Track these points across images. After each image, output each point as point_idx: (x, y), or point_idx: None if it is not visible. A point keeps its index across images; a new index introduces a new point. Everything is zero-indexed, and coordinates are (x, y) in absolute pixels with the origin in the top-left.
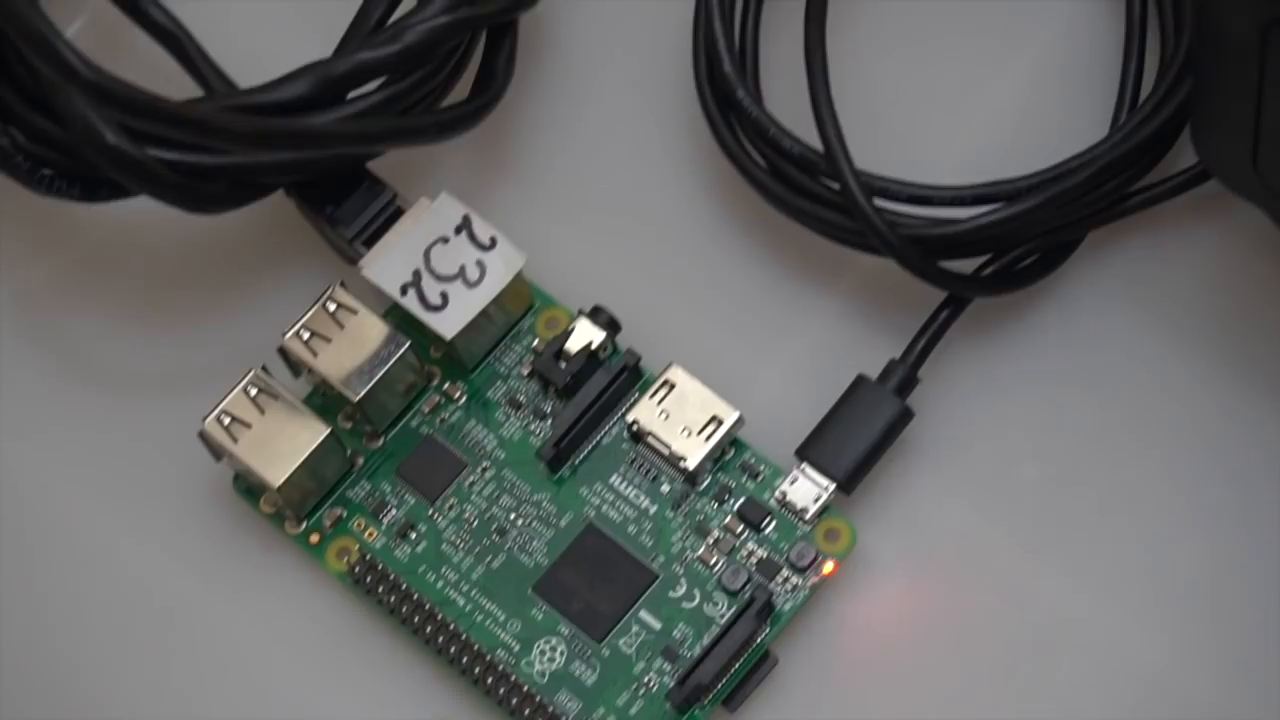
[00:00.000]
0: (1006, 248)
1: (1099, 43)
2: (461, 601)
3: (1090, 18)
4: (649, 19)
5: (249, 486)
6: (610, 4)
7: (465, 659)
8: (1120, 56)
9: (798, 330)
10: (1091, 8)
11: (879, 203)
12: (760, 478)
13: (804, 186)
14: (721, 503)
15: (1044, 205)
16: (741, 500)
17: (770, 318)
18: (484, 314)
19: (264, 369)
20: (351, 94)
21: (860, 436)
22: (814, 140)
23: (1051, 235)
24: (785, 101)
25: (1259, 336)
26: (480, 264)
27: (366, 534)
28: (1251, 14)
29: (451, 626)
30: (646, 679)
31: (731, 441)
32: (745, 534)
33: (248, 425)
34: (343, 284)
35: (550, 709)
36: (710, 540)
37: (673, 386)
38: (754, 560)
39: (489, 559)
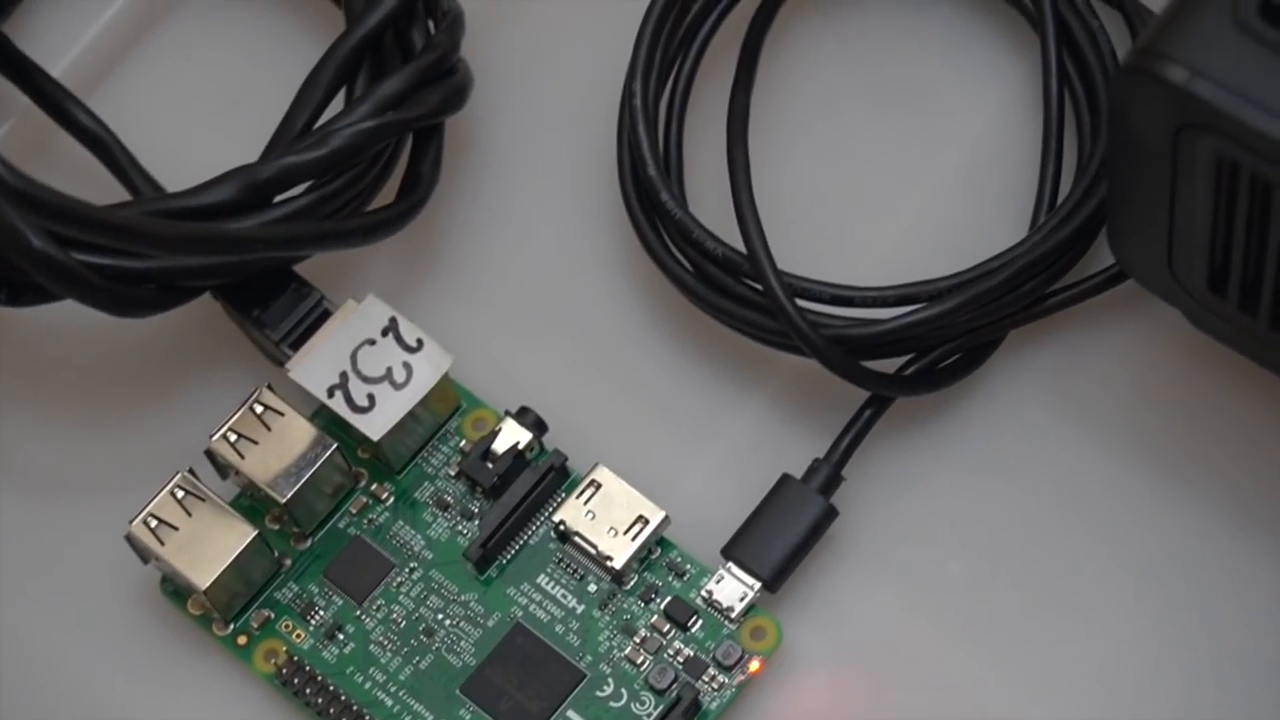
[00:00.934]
0: (928, 347)
1: (1018, 145)
2: (390, 702)
3: (1009, 120)
4: (575, 121)
5: (176, 589)
6: (537, 106)
7: None
8: (1039, 158)
9: (723, 430)
10: (1010, 110)
11: (802, 303)
12: (686, 576)
13: (728, 288)
14: (648, 602)
15: (965, 305)
16: (668, 599)
17: (696, 417)
18: (411, 415)
19: (191, 471)
20: (278, 198)
21: (785, 535)
22: (738, 241)
23: (973, 335)
24: (710, 202)
25: (1176, 431)
26: (407, 366)
27: (294, 635)
28: (1162, 119)
29: None
30: None
31: (658, 541)
32: (672, 633)
33: (175, 528)
34: (270, 386)
35: None
36: (637, 639)
37: (599, 486)
38: (681, 659)
39: (417, 659)
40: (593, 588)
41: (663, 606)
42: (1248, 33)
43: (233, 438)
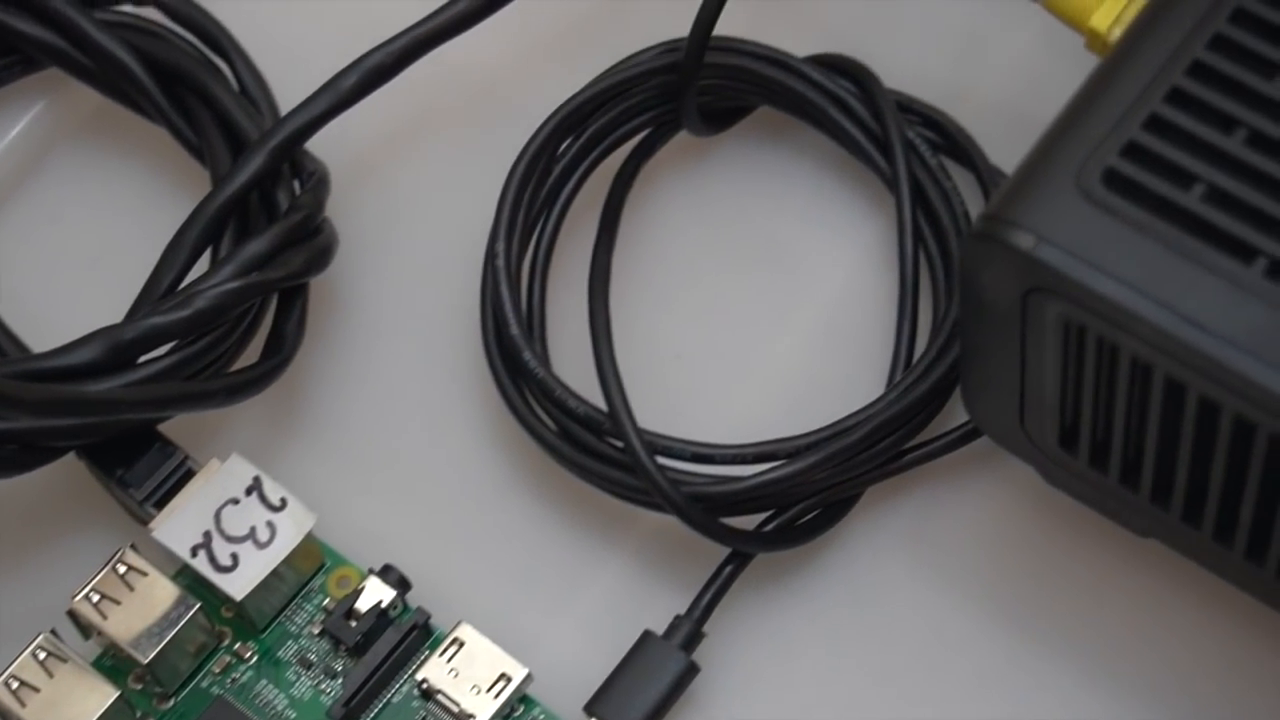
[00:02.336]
0: (787, 503)
1: (875, 302)
2: None
3: (866, 278)
4: (439, 281)
5: None
6: (401, 265)
7: None
8: (895, 316)
9: (586, 587)
10: (867, 269)
11: (663, 461)
12: None
13: (590, 446)
14: None
15: (822, 463)
16: None
17: (559, 574)
18: (274, 574)
19: (53, 632)
20: (142, 358)
21: (647, 692)
22: (601, 399)
23: (831, 491)
24: (573, 360)
25: (1031, 585)
26: (270, 525)
27: None
28: (1011, 284)
29: None
30: None
31: (520, 698)
32: None
33: (36, 689)
34: (133, 546)
35: None
36: None
37: (462, 644)
38: None
39: None
40: None
41: None
42: (1092, 200)
43: (95, 598)
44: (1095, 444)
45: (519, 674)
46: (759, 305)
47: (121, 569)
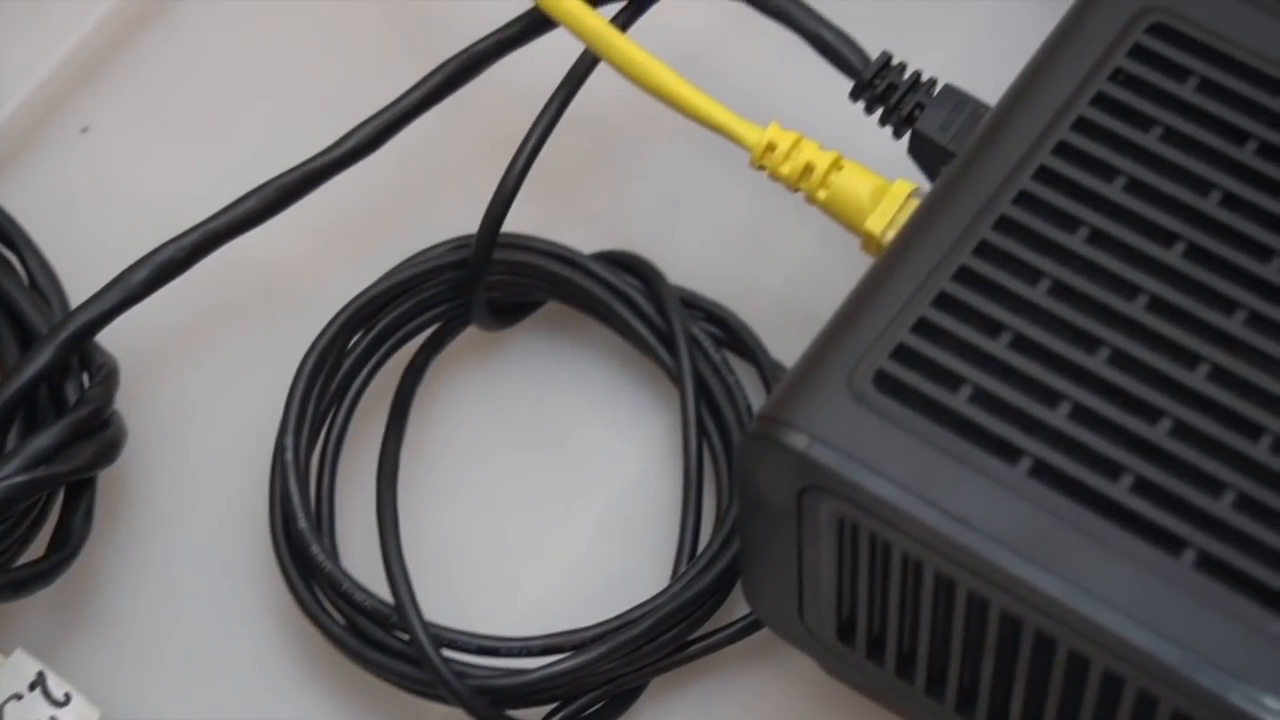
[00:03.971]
0: (573, 695)
1: (660, 495)
2: None
3: (652, 471)
4: (229, 474)
5: None
6: (191, 458)
7: None
8: (680, 509)
9: None
10: (653, 462)
11: (449, 654)
12: None
13: (377, 639)
14: None
15: (608, 655)
16: None
17: None
18: None
19: None
20: None
21: None
22: (389, 593)
23: (616, 683)
24: (361, 553)
25: None
26: None
27: None
28: (786, 482)
29: None
30: None
31: None
32: None
33: None
34: None
35: None
36: None
37: None
38: None
39: None
40: None
41: None
42: (863, 401)
43: None
44: (871, 637)
45: None
46: (547, 498)
47: None
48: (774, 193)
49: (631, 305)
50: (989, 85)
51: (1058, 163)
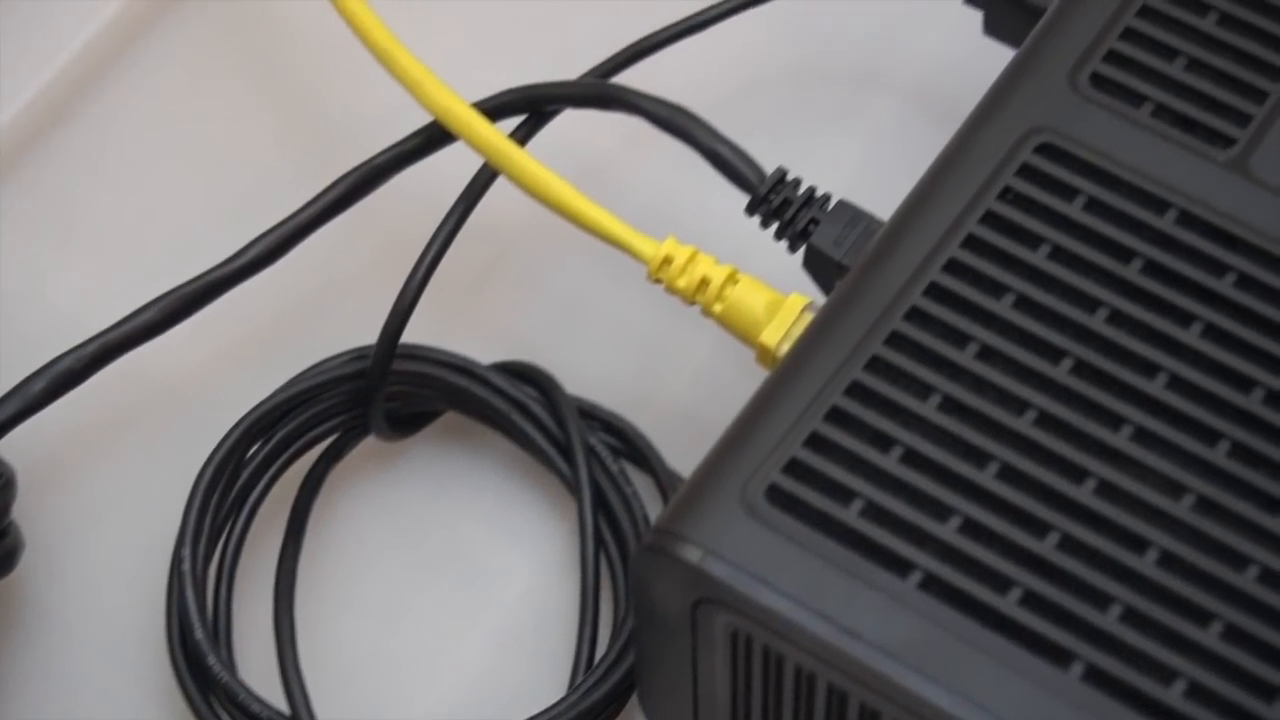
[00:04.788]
0: None
1: (558, 605)
2: None
3: (550, 581)
4: (126, 585)
5: None
6: (88, 569)
7: None
8: (577, 618)
9: None
10: (551, 572)
11: None
12: None
13: None
14: None
15: None
16: None
17: None
18: None
19: None
20: None
21: None
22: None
23: None
24: (259, 664)
25: None
26: None
27: None
28: (680, 594)
29: None
30: None
31: None
32: None
33: None
34: None
35: None
36: None
37: None
38: None
39: None
40: None
41: None
42: (756, 515)
43: None
44: None
45: None
46: (445, 608)
47: None
48: (671, 304)
49: (529, 416)
50: (883, 201)
51: (948, 280)
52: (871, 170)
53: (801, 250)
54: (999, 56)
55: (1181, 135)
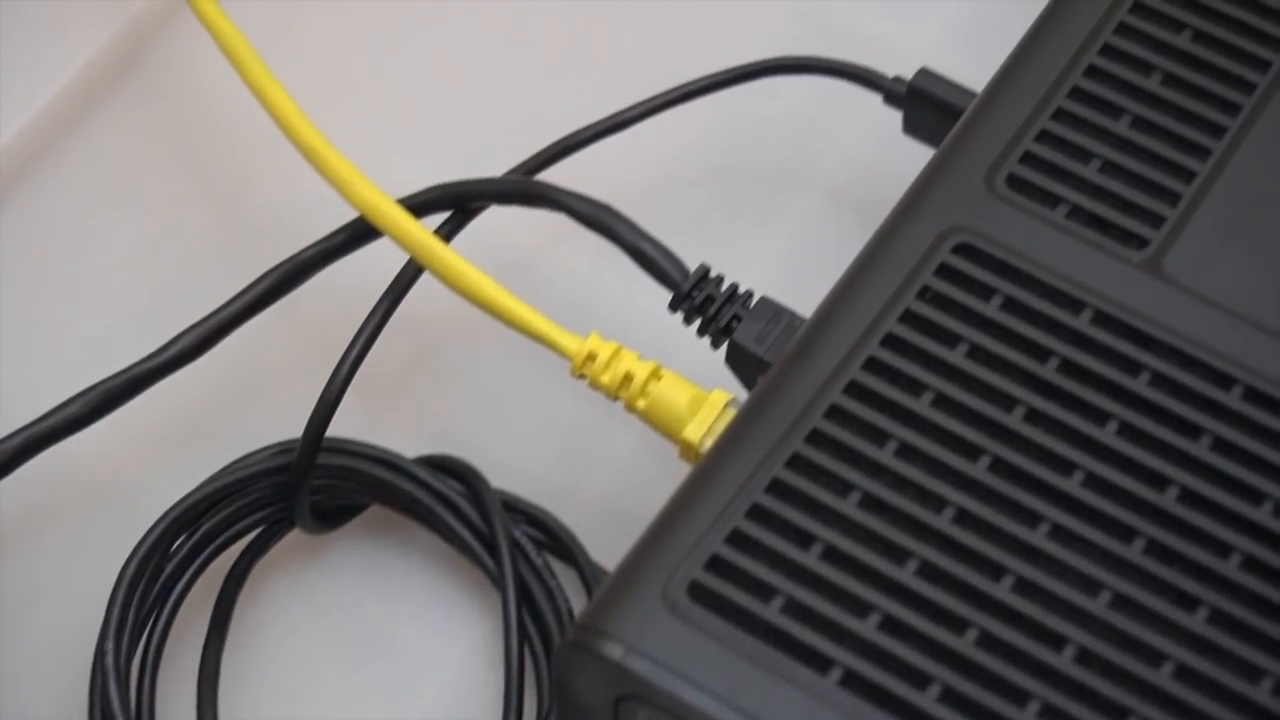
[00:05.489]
0: None
1: (483, 698)
2: None
3: (474, 675)
4: (49, 678)
5: None
6: (10, 662)
7: None
8: (501, 712)
9: None
10: (475, 665)
11: None
12: None
13: None
14: None
15: None
16: None
17: None
18: None
19: None
20: None
21: None
22: None
23: None
24: None
25: None
26: None
27: None
28: (602, 690)
29: None
30: None
31: None
32: None
33: None
34: None
35: None
36: None
37: None
38: None
39: None
40: None
41: None
42: (677, 612)
43: None
44: None
45: None
46: (370, 701)
47: None
48: (595, 398)
49: (454, 509)
50: (805, 297)
51: (867, 378)
52: (793, 267)
53: (724, 346)
54: (918, 156)
55: (1096, 236)
